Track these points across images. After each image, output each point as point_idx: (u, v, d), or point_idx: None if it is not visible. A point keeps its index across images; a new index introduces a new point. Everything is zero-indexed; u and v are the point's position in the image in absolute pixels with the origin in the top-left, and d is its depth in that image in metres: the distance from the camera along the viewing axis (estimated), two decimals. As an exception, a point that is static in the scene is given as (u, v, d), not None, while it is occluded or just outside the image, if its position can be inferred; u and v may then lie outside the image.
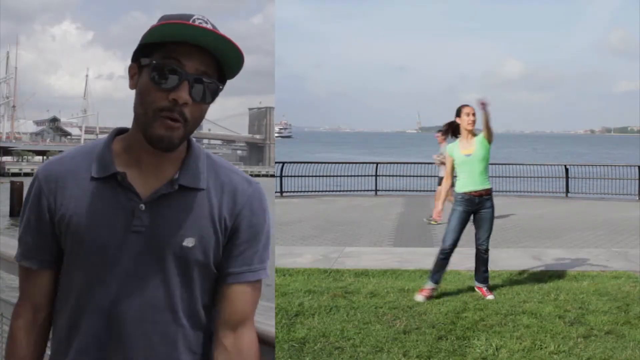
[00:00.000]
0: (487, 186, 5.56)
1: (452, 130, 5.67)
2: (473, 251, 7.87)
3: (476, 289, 5.64)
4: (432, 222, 10.44)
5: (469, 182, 5.51)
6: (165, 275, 1.40)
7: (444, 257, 5.55)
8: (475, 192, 5.49)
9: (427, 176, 17.35)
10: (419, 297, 5.37)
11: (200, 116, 1.41)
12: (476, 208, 5.54)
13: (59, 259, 1.47)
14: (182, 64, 1.36)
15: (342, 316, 4.89)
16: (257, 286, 1.50)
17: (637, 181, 15.55)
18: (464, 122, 5.52)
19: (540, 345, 4.25)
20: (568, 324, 4.69)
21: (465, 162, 5.52)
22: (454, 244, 5.55)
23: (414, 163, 18.07)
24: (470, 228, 5.70)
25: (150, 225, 1.39)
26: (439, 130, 11.77)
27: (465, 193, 5.51)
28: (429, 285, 5.48)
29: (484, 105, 5.28)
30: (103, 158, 1.44)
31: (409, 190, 16.82)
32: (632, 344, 4.27)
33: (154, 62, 1.37)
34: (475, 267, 5.73)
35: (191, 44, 1.36)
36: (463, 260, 7.37)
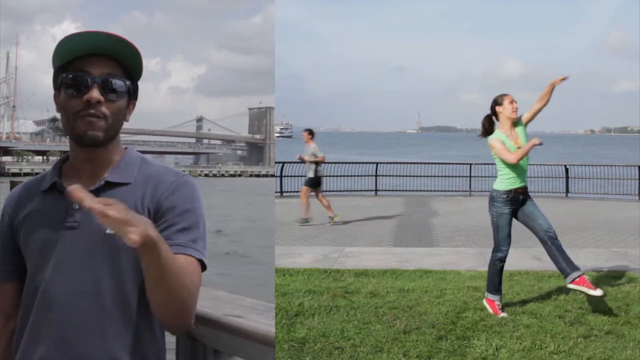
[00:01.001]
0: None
1: (489, 125, 5.09)
2: (473, 251, 7.91)
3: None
4: (331, 223, 10.51)
5: (519, 178, 5.04)
6: (93, 263, 1.55)
7: (503, 265, 5.09)
8: (522, 188, 5.05)
9: (427, 176, 17.37)
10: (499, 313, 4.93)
11: (119, 112, 1.63)
12: (519, 205, 5.04)
13: (23, 271, 1.65)
14: (88, 71, 1.58)
15: (342, 316, 4.88)
16: (198, 269, 1.57)
17: (637, 181, 15.55)
18: (508, 110, 4.98)
19: (540, 345, 4.25)
20: (568, 324, 4.69)
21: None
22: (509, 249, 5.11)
23: (414, 163, 18.10)
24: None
25: (81, 220, 1.57)
26: (306, 130, 11.83)
27: (512, 190, 4.99)
28: (497, 299, 5.03)
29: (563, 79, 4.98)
30: (49, 174, 1.69)
31: (409, 190, 16.82)
32: (632, 344, 4.27)
33: (64, 75, 1.60)
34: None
35: (92, 55, 1.59)
36: (463, 260, 7.37)
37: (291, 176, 16.56)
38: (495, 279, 5.06)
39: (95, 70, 1.58)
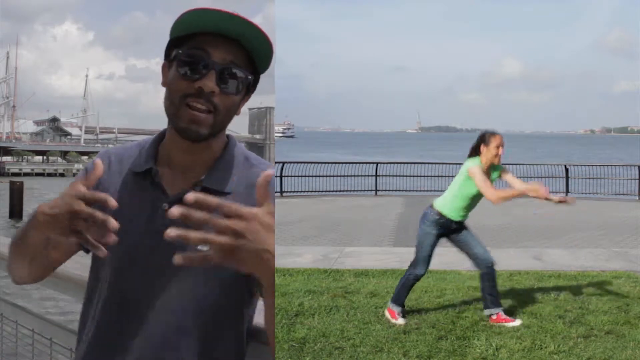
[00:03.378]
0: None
1: (475, 153, 4.80)
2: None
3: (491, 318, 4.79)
4: None
5: (466, 214, 4.91)
6: (177, 274, 1.37)
7: (415, 282, 5.02)
8: (461, 222, 4.91)
9: (427, 176, 17.37)
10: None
11: (231, 107, 1.42)
12: (450, 232, 4.92)
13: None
14: (208, 53, 1.36)
15: (342, 316, 4.89)
16: None
17: (637, 181, 15.56)
18: (492, 153, 4.69)
19: (540, 345, 4.25)
20: (568, 324, 4.69)
21: (479, 195, 4.77)
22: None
23: (414, 163, 18.10)
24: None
25: (169, 225, 1.27)
26: None
27: (449, 219, 4.83)
28: (398, 310, 4.85)
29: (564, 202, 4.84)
30: (145, 154, 1.48)
31: (409, 190, 16.83)
32: (632, 344, 4.27)
33: (180, 52, 1.39)
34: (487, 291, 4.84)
35: (218, 34, 1.37)
36: (463, 260, 7.37)
37: (291, 176, 16.57)
38: (403, 292, 4.89)
39: (217, 54, 1.36)
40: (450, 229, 4.87)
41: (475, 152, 4.78)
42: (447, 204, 4.84)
